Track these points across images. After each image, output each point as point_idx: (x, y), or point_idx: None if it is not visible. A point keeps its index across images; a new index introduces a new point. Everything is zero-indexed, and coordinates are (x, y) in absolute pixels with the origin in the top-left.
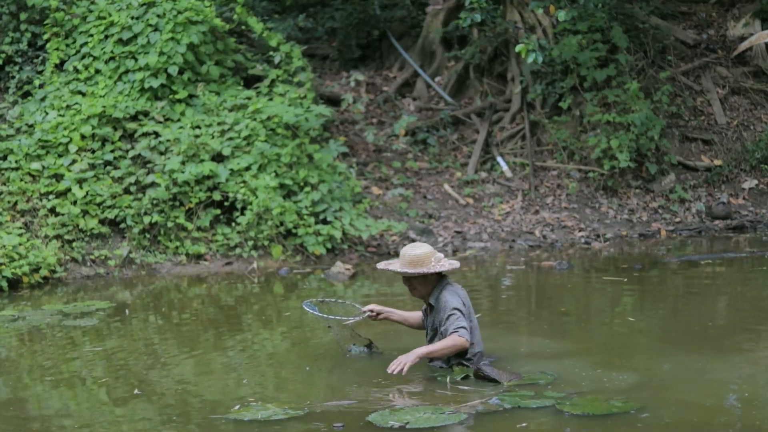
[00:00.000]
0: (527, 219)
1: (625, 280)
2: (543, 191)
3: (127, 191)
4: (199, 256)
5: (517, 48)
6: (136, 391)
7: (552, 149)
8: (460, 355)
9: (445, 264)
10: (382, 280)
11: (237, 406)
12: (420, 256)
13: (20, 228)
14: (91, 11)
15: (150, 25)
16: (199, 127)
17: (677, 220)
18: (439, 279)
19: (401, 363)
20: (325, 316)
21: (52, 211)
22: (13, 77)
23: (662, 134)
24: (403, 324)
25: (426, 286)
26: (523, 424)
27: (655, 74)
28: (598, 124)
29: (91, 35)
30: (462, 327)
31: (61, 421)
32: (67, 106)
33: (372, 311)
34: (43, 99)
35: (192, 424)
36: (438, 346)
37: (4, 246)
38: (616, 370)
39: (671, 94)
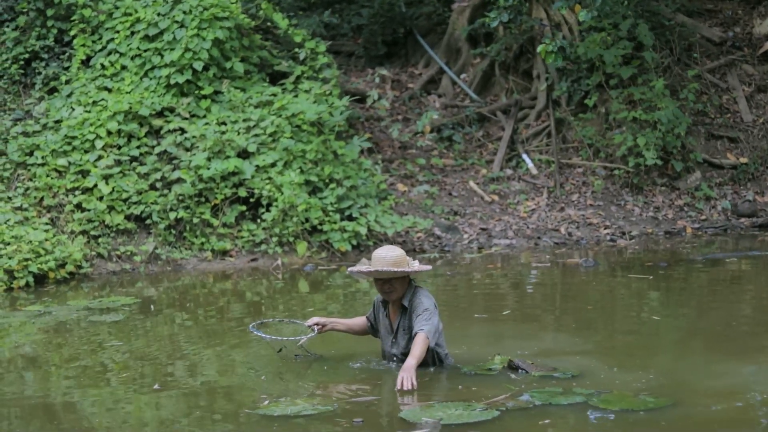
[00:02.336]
0: (553, 216)
1: (651, 278)
2: (568, 188)
3: (152, 187)
4: (224, 252)
5: (539, 49)
6: (155, 386)
7: (577, 146)
8: (435, 360)
9: (422, 265)
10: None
11: (266, 401)
12: (400, 256)
13: (46, 223)
14: (117, 8)
15: (176, 22)
16: (224, 123)
17: (703, 217)
18: (409, 282)
19: (408, 379)
20: (279, 338)
21: (78, 206)
22: (40, 73)
23: (688, 132)
24: (348, 332)
25: (403, 287)
26: (546, 421)
27: (680, 72)
28: (624, 122)
29: (117, 31)
30: (428, 325)
31: (84, 416)
32: (93, 102)
33: (317, 324)
34: (69, 95)
35: (216, 419)
36: (418, 352)
37: (31, 241)
38: (641, 368)
39: (697, 92)
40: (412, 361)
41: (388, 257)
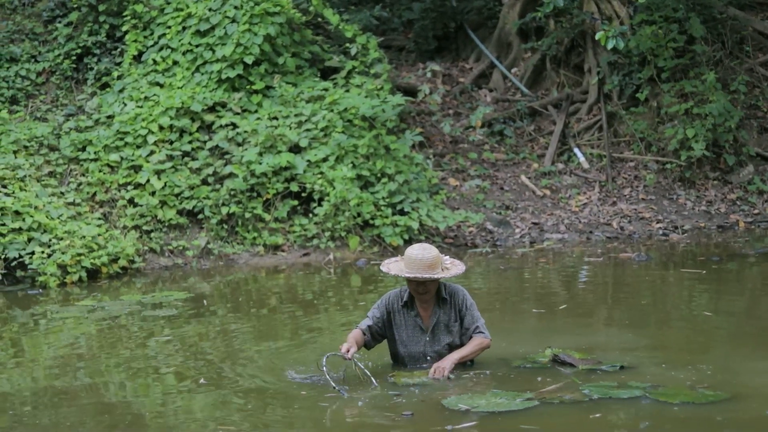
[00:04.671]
0: (604, 210)
1: (704, 272)
2: (620, 182)
3: (204, 182)
4: (276, 247)
5: (597, 36)
6: (201, 381)
7: (629, 140)
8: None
9: (453, 261)
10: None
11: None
12: (436, 257)
13: (99, 219)
14: (168, 3)
15: (227, 17)
16: (276, 118)
17: (755, 211)
18: None
19: (441, 369)
20: (369, 375)
21: (131, 201)
22: (92, 69)
23: (740, 125)
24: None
25: (436, 284)
26: (597, 415)
27: (732, 65)
28: (676, 116)
29: (169, 27)
30: (486, 330)
31: (135, 410)
32: (145, 98)
33: (347, 350)
34: (121, 90)
35: (267, 416)
36: (469, 351)
37: (84, 236)
38: (695, 363)
39: (749, 85)
40: (457, 356)
41: (425, 259)
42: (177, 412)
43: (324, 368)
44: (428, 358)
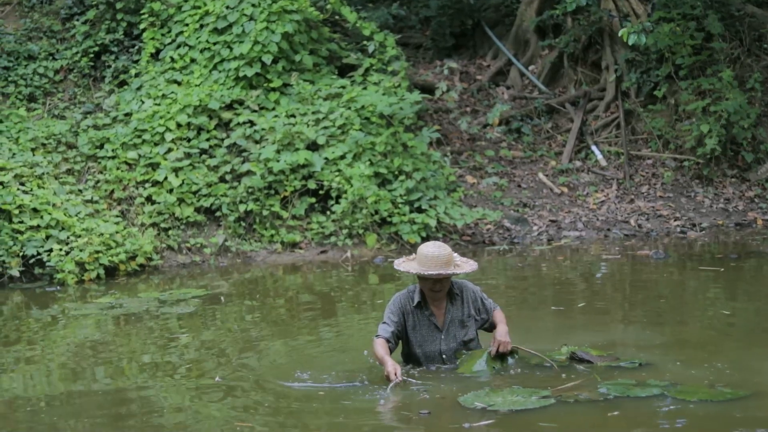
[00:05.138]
0: (622, 208)
1: (721, 270)
2: (638, 180)
3: (222, 180)
4: (294, 245)
5: (620, 32)
6: (216, 379)
7: (647, 138)
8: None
9: (462, 259)
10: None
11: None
12: (450, 254)
13: (117, 216)
14: (186, 1)
15: (245, 15)
16: (293, 115)
17: None
18: None
19: (506, 343)
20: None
21: (149, 199)
22: (109, 66)
23: (758, 123)
24: None
25: (449, 282)
26: (615, 413)
27: (750, 63)
28: (693, 113)
29: (187, 24)
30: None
31: (152, 407)
32: (163, 96)
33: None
34: (139, 88)
35: (284, 414)
36: (504, 321)
37: (102, 234)
38: (712, 361)
39: (766, 82)
40: (506, 328)
41: (441, 256)
42: (194, 409)
43: (392, 398)
44: (444, 356)
